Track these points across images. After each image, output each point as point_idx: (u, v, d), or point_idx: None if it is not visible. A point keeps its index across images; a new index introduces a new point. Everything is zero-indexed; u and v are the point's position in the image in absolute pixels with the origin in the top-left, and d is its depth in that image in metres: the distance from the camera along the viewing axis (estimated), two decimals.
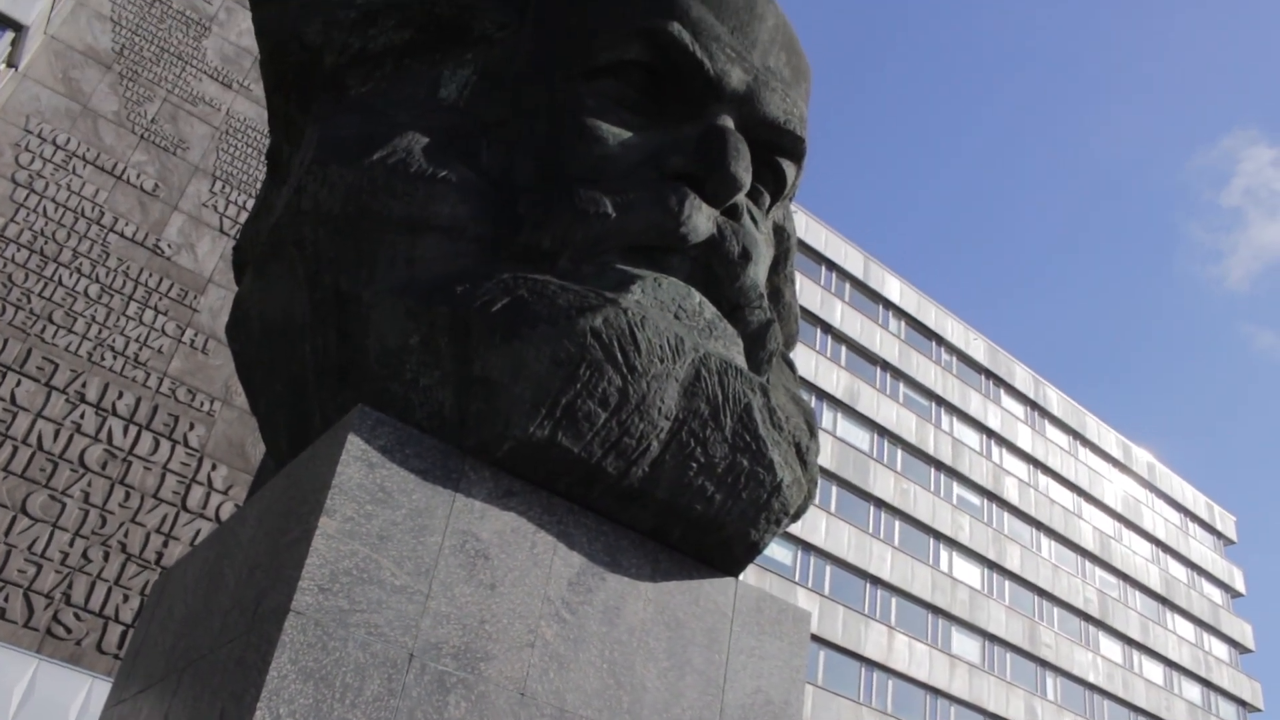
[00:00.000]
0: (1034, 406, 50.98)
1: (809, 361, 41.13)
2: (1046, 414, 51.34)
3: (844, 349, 43.83)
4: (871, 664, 38.45)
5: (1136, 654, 49.51)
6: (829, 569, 38.77)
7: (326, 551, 2.40)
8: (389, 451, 2.58)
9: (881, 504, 41.90)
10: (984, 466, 46.69)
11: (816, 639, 36.46)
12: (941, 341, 48.15)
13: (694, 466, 2.86)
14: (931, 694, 39.98)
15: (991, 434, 48.03)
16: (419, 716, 2.39)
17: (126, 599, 19.02)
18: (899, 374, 45.47)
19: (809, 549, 38.28)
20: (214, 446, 21.20)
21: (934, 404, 46.44)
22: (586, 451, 2.74)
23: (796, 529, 36.80)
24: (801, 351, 39.69)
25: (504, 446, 2.70)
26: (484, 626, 2.56)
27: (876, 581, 40.11)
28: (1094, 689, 46.26)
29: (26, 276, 20.60)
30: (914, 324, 47.43)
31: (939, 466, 45.02)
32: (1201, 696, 52.01)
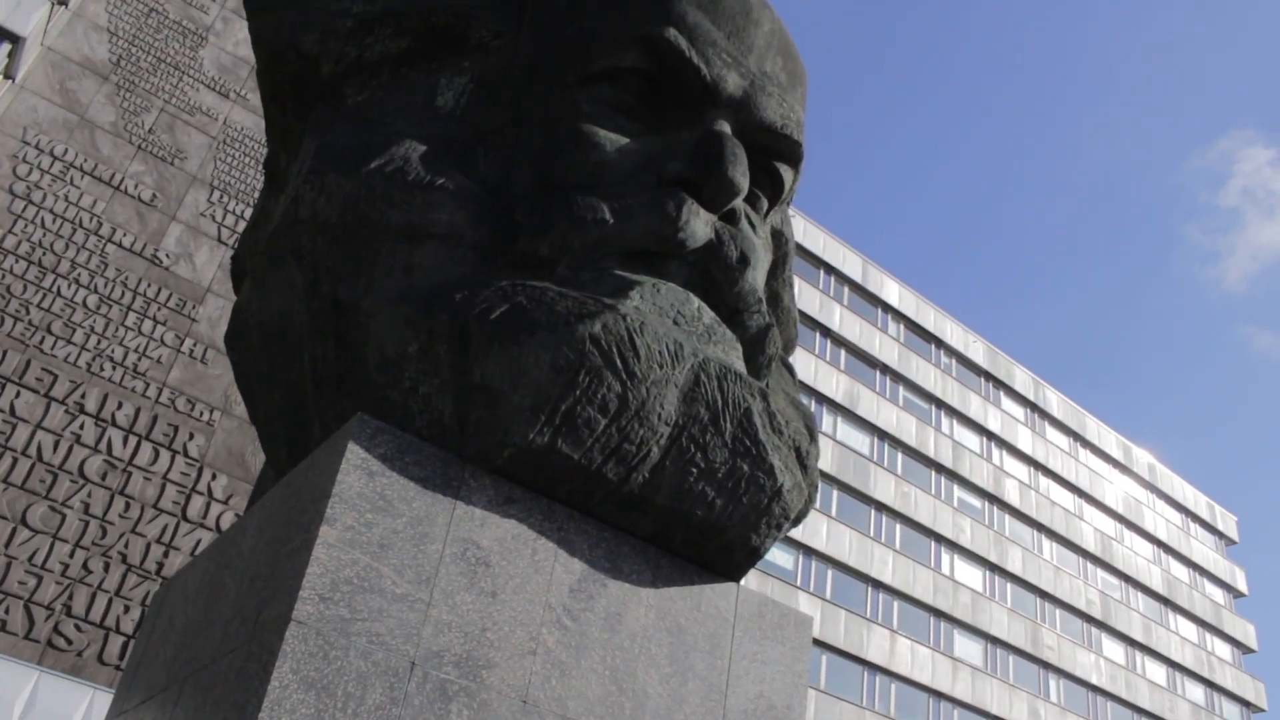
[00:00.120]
0: (1034, 408, 50.97)
1: (808, 365, 41.13)
2: (1046, 416, 51.32)
3: (843, 353, 43.84)
4: (874, 668, 38.40)
5: (1139, 655, 49.45)
6: (830, 573, 38.74)
7: (327, 560, 2.40)
8: (389, 460, 2.58)
9: (882, 507, 41.88)
10: (984, 469, 46.68)
11: (818, 643, 36.42)
12: (941, 344, 48.16)
13: (694, 472, 2.86)
14: (934, 697, 39.93)
15: (992, 436, 48.01)
16: None
17: (127, 610, 18.99)
18: (899, 377, 45.47)
19: (810, 553, 38.25)
20: (214, 456, 21.18)
21: (934, 407, 46.43)
22: (586, 458, 2.73)
23: (798, 533, 36.77)
24: (801, 355, 39.68)
25: (504, 454, 2.70)
26: (485, 634, 2.56)
27: (878, 585, 40.07)
28: (1097, 690, 46.19)
29: (25, 288, 20.60)
30: (913, 327, 47.43)
31: (939, 469, 45.00)
32: (1205, 697, 51.93)
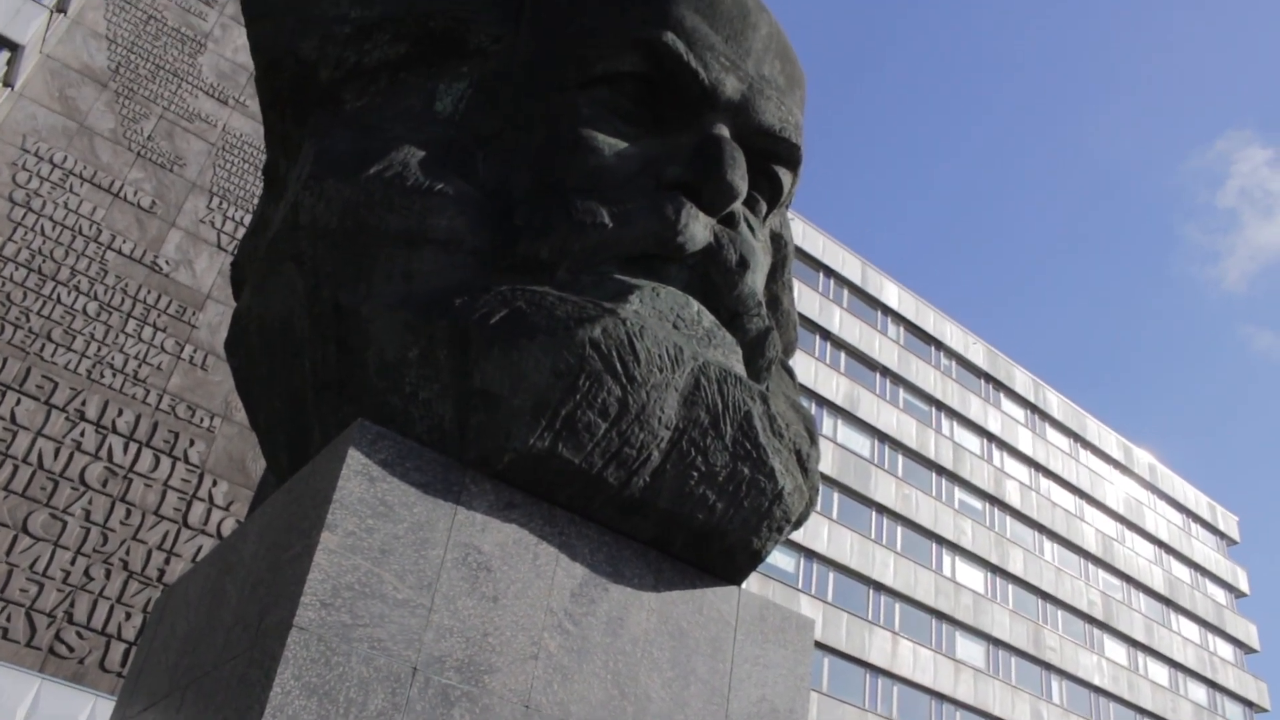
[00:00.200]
0: (1034, 410, 50.95)
1: (808, 368, 41.12)
2: (1047, 417, 51.31)
3: (843, 355, 43.83)
4: (876, 670, 38.36)
5: (1141, 656, 49.39)
6: (832, 576, 38.71)
7: (328, 566, 2.40)
8: (389, 465, 2.58)
9: (883, 510, 41.85)
10: (985, 470, 46.65)
11: (820, 646, 36.38)
12: (941, 346, 48.15)
13: (695, 475, 2.86)
14: (936, 699, 39.88)
15: (992, 438, 48.00)
16: None
17: (129, 617, 18.98)
18: (899, 379, 45.45)
19: (811, 556, 38.22)
20: (214, 462, 21.17)
21: (934, 409, 46.41)
22: (587, 462, 2.73)
23: (799, 536, 36.73)
24: (801, 358, 39.68)
25: (504, 458, 2.70)
26: (487, 639, 2.56)
27: (879, 587, 40.04)
28: (1099, 691, 46.14)
29: (25, 295, 20.61)
30: (913, 329, 47.43)
31: (940, 471, 44.98)
32: (1207, 697, 51.87)
